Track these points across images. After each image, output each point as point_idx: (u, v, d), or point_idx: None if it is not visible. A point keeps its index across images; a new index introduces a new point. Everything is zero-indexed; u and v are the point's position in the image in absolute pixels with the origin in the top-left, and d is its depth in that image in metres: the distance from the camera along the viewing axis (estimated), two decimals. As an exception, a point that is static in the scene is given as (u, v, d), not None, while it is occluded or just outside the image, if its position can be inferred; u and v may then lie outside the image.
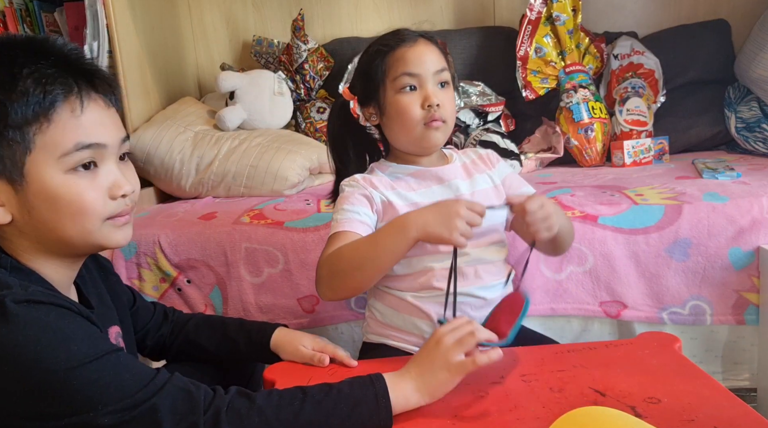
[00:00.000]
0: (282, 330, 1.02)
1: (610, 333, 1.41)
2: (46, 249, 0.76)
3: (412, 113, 1.02)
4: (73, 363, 0.66)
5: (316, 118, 2.11)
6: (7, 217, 0.73)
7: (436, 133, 1.03)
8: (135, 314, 1.02)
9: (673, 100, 2.06)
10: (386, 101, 1.05)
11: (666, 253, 1.34)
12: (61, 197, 0.72)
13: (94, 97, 0.75)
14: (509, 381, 0.86)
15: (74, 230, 0.74)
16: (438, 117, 1.02)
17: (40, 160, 0.71)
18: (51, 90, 0.70)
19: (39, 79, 0.70)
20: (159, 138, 1.84)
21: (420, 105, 1.02)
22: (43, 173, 0.71)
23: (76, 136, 0.72)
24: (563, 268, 1.37)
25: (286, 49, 2.20)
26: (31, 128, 0.70)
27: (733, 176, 1.55)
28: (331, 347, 0.97)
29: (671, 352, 0.92)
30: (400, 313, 1.06)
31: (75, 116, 0.72)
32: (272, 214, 1.56)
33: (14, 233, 0.75)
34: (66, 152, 0.72)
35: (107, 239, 0.78)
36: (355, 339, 1.46)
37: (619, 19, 2.29)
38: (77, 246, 0.77)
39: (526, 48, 2.03)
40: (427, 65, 1.02)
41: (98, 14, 1.82)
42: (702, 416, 0.74)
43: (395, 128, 1.06)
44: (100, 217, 0.75)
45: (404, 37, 1.05)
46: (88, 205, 0.74)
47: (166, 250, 1.47)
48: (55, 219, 0.73)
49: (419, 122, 1.02)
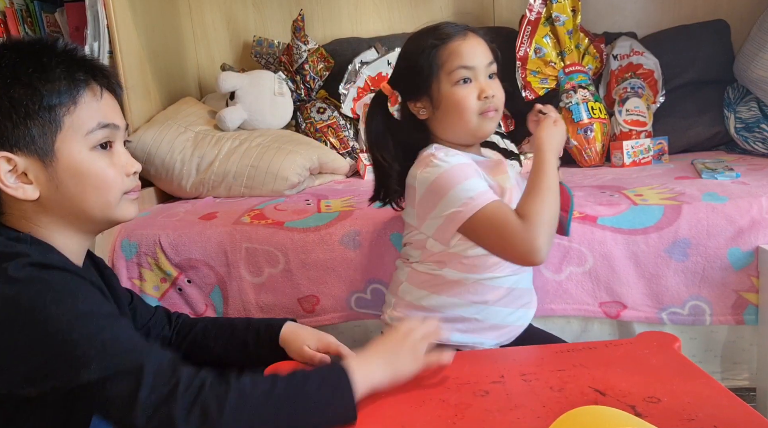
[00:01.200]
0: (290, 325, 1.02)
1: (609, 334, 1.41)
2: (66, 224, 0.83)
3: (469, 104, 1.06)
4: (75, 315, 0.71)
5: (316, 118, 2.11)
6: (35, 193, 0.79)
7: (491, 122, 1.08)
8: (134, 311, 1.02)
9: (672, 100, 2.06)
10: (441, 94, 1.07)
11: (665, 253, 1.34)
12: (87, 171, 0.81)
13: (107, 87, 0.84)
14: (509, 380, 0.86)
15: (97, 203, 0.82)
16: (492, 107, 1.07)
17: (68, 138, 0.79)
18: (77, 77, 0.80)
19: (67, 68, 0.80)
20: (160, 138, 1.84)
21: (477, 96, 1.06)
22: (72, 149, 0.80)
23: (97, 116, 0.81)
24: (563, 268, 1.38)
25: (287, 49, 2.20)
26: (61, 109, 0.78)
27: (732, 177, 1.55)
28: (335, 345, 0.97)
29: (671, 352, 0.93)
30: (457, 300, 1.10)
31: (96, 100, 0.82)
32: (273, 214, 1.56)
33: (36, 210, 0.81)
34: (90, 130, 0.80)
35: (122, 212, 0.86)
36: (356, 339, 1.47)
37: (619, 20, 2.30)
38: (96, 219, 0.84)
39: (526, 48, 2.03)
40: (480, 58, 1.07)
41: (99, 15, 1.82)
42: (702, 415, 0.74)
43: (451, 120, 1.08)
44: (120, 191, 0.84)
45: (454, 31, 1.08)
46: (110, 179, 0.83)
47: (167, 250, 1.47)
48: (81, 192, 0.81)
49: (476, 112, 1.06)
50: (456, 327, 1.10)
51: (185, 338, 1.06)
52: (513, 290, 1.12)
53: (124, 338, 0.74)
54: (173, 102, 2.11)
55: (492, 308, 1.11)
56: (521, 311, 1.15)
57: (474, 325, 1.11)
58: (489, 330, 1.12)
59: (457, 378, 0.87)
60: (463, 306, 1.10)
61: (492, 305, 1.11)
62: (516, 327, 1.15)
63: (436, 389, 0.85)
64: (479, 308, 1.10)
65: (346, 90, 2.12)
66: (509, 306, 1.12)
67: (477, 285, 1.09)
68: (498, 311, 1.11)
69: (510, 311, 1.13)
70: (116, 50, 1.82)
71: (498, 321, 1.12)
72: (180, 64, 2.32)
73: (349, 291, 1.44)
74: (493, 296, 1.10)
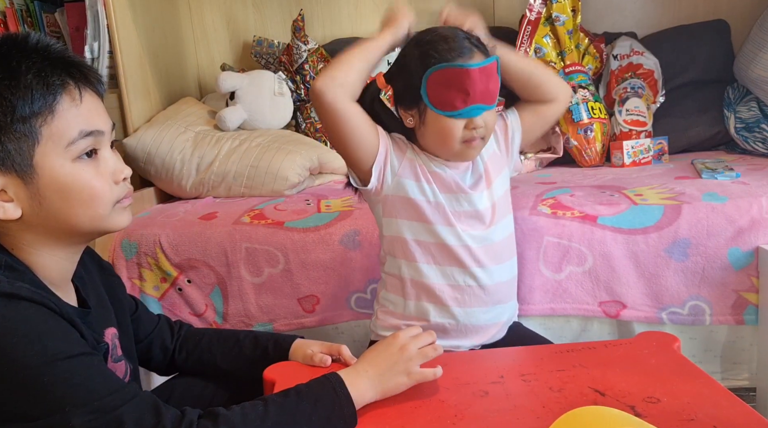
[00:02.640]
0: (298, 341, 1.01)
1: (609, 333, 1.41)
2: (51, 241, 0.77)
3: (455, 134, 1.01)
4: (46, 359, 0.66)
5: (316, 118, 2.11)
6: (17, 212, 0.74)
7: (474, 150, 1.04)
8: (137, 321, 1.00)
9: (672, 100, 2.06)
10: (427, 116, 1.02)
11: (665, 253, 1.34)
12: (72, 186, 0.74)
13: (87, 87, 0.77)
14: (509, 381, 0.86)
15: (86, 216, 0.76)
16: (478, 136, 1.01)
17: (48, 151, 0.72)
18: (52, 82, 0.72)
19: (38, 72, 0.72)
20: (160, 138, 1.85)
21: (465, 126, 1.00)
22: (53, 163, 0.73)
23: (78, 124, 0.74)
24: (563, 268, 1.38)
25: (287, 49, 2.20)
26: (37, 120, 0.71)
27: (732, 176, 1.55)
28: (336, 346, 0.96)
29: (670, 352, 0.93)
30: (412, 300, 1.08)
31: (75, 106, 0.74)
32: (272, 214, 1.56)
33: (19, 228, 0.75)
34: (72, 141, 0.73)
35: (114, 223, 0.80)
36: (356, 339, 1.47)
37: (619, 20, 2.30)
38: (85, 233, 0.79)
39: (526, 48, 2.03)
40: (478, 86, 0.98)
41: (99, 15, 1.82)
42: (701, 415, 0.74)
43: (434, 141, 1.05)
44: (111, 202, 0.78)
45: (459, 51, 0.99)
46: (98, 191, 0.76)
47: (167, 250, 1.47)
48: (67, 208, 0.75)
49: (459, 141, 1.02)
50: None
51: (191, 352, 1.04)
52: (483, 287, 1.07)
53: (98, 380, 0.69)
54: (173, 102, 2.11)
55: (464, 309, 1.07)
56: (498, 308, 1.10)
57: (448, 328, 1.08)
58: (465, 332, 1.09)
59: (456, 379, 0.87)
60: (435, 310, 1.08)
61: (462, 307, 1.07)
62: (494, 325, 1.11)
63: (436, 389, 0.85)
64: (450, 309, 1.07)
65: (346, 90, 2.11)
66: (483, 305, 1.08)
67: (442, 287, 1.07)
68: (471, 312, 1.08)
69: (484, 310, 1.09)
70: (116, 50, 1.82)
71: (473, 322, 1.08)
72: (180, 64, 2.32)
73: (349, 291, 1.44)
74: (459, 295, 1.07)
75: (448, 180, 1.06)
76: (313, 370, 0.94)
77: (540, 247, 1.37)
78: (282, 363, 0.98)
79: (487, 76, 0.99)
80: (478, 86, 0.97)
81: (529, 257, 1.37)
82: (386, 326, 1.12)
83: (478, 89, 0.98)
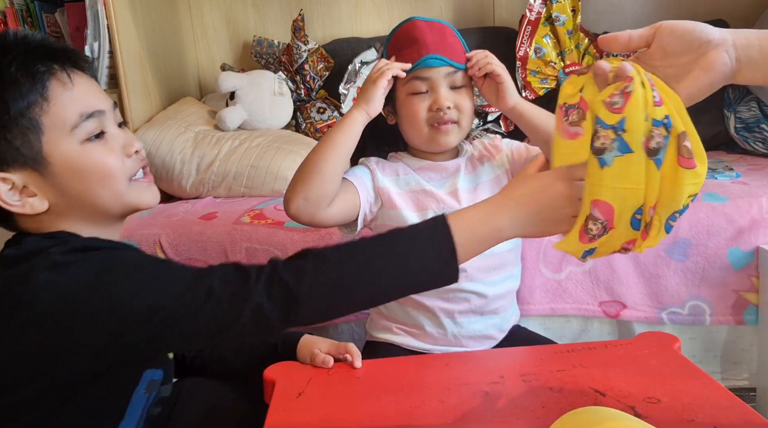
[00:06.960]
0: (306, 337, 1.01)
1: (609, 333, 1.41)
2: (87, 224, 0.79)
3: (419, 116, 1.03)
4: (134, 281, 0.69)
5: (316, 118, 2.11)
6: (44, 204, 0.75)
7: (446, 136, 1.04)
8: None
9: (672, 100, 2.06)
10: (398, 103, 1.06)
11: (665, 253, 1.34)
12: (85, 167, 0.76)
13: (75, 70, 0.77)
14: (509, 381, 0.86)
15: (107, 195, 0.78)
16: (447, 120, 1.02)
17: (54, 138, 0.74)
18: (37, 70, 0.73)
19: (21, 64, 0.72)
20: (160, 138, 1.85)
21: (428, 108, 1.02)
22: (62, 149, 0.74)
23: (76, 107, 0.75)
24: (563, 268, 1.38)
25: (287, 49, 2.20)
26: (33, 110, 0.72)
27: (732, 176, 1.56)
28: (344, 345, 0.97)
29: (671, 352, 0.93)
30: (404, 306, 1.07)
31: (68, 89, 0.75)
32: (273, 214, 1.56)
33: (53, 220, 0.77)
34: (74, 124, 0.74)
35: (139, 199, 0.81)
36: (356, 338, 1.47)
37: (619, 20, 2.29)
38: (114, 211, 0.80)
39: (526, 48, 2.03)
40: (438, 69, 1.02)
41: (99, 15, 1.82)
42: (701, 416, 0.74)
43: (406, 128, 1.07)
44: (125, 176, 0.79)
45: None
46: (111, 167, 0.77)
47: (167, 250, 1.47)
48: (87, 189, 0.76)
49: (425, 124, 1.03)
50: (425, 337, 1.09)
51: (201, 351, 1.05)
52: (478, 299, 1.06)
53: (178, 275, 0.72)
54: (173, 102, 2.11)
55: (454, 320, 1.07)
56: (495, 318, 1.10)
57: (438, 337, 1.08)
58: (458, 342, 1.08)
59: (456, 379, 0.87)
60: (427, 320, 1.08)
61: (452, 318, 1.06)
62: (488, 336, 1.10)
63: (436, 389, 0.85)
64: (441, 320, 1.07)
65: (346, 90, 2.12)
66: (478, 315, 1.07)
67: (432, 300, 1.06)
68: (462, 323, 1.07)
69: (478, 320, 1.08)
70: (116, 50, 1.82)
71: (464, 333, 1.08)
72: (180, 64, 2.32)
73: (349, 291, 1.44)
74: (450, 305, 1.06)
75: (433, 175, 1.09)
76: (314, 371, 0.94)
77: (540, 247, 1.37)
78: (282, 363, 0.98)
79: (440, 30, 1.03)
80: (429, 37, 1.01)
81: (529, 257, 1.37)
82: (379, 327, 1.12)
83: (429, 39, 1.01)
